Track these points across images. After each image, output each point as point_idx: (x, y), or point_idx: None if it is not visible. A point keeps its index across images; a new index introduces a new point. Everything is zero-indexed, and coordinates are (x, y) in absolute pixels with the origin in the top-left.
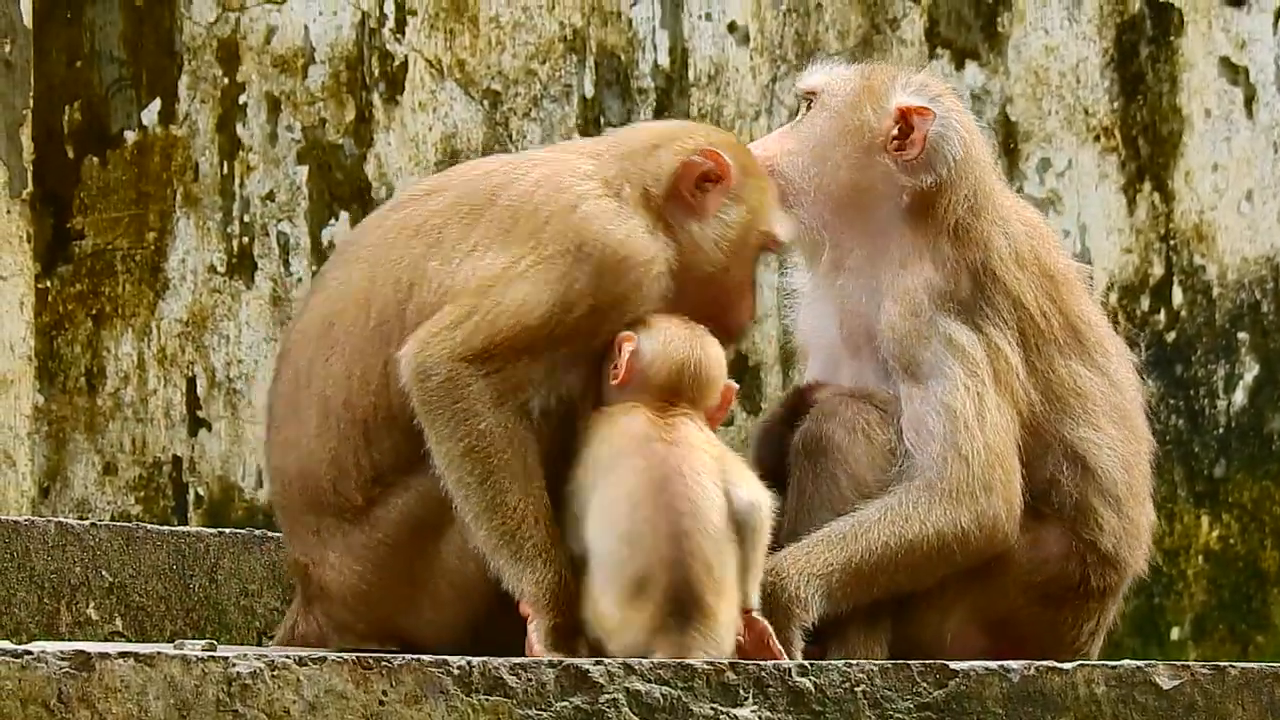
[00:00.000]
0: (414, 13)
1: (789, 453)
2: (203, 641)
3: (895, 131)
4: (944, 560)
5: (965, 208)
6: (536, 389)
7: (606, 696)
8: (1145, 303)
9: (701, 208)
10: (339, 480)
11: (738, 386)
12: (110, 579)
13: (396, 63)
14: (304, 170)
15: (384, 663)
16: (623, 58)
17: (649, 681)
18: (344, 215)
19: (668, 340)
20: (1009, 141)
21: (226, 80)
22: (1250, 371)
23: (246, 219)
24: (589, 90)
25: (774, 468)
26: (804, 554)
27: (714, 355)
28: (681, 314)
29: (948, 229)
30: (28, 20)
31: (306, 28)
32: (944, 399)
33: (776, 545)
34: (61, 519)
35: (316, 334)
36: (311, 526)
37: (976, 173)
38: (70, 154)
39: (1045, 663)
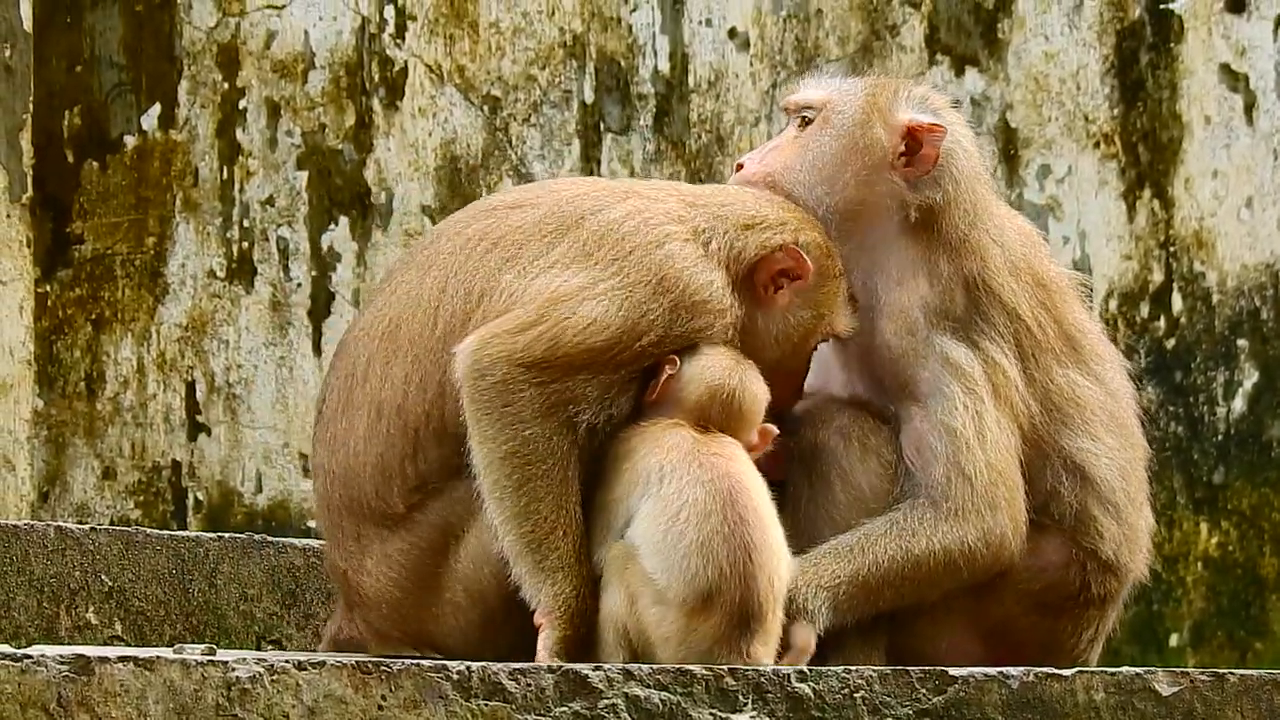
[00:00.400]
0: (414, 18)
1: (785, 460)
2: (202, 646)
3: (903, 148)
4: (950, 576)
5: (965, 222)
6: (588, 406)
7: (605, 702)
8: (1145, 309)
9: (771, 301)
10: (382, 486)
11: (777, 432)
12: (110, 583)
13: (396, 68)
14: (304, 175)
15: (383, 668)
16: (623, 63)
17: (648, 687)
18: (344, 220)
19: (707, 365)
20: (1009, 148)
21: (226, 85)
22: (1250, 378)
23: (246, 224)
24: (589, 96)
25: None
26: (811, 566)
27: (752, 390)
28: None
29: (946, 243)
30: (28, 25)
31: (306, 33)
32: (943, 419)
33: None
34: (61, 523)
35: (380, 334)
36: (351, 532)
37: (976, 186)
38: (70, 159)
39: (1044, 669)
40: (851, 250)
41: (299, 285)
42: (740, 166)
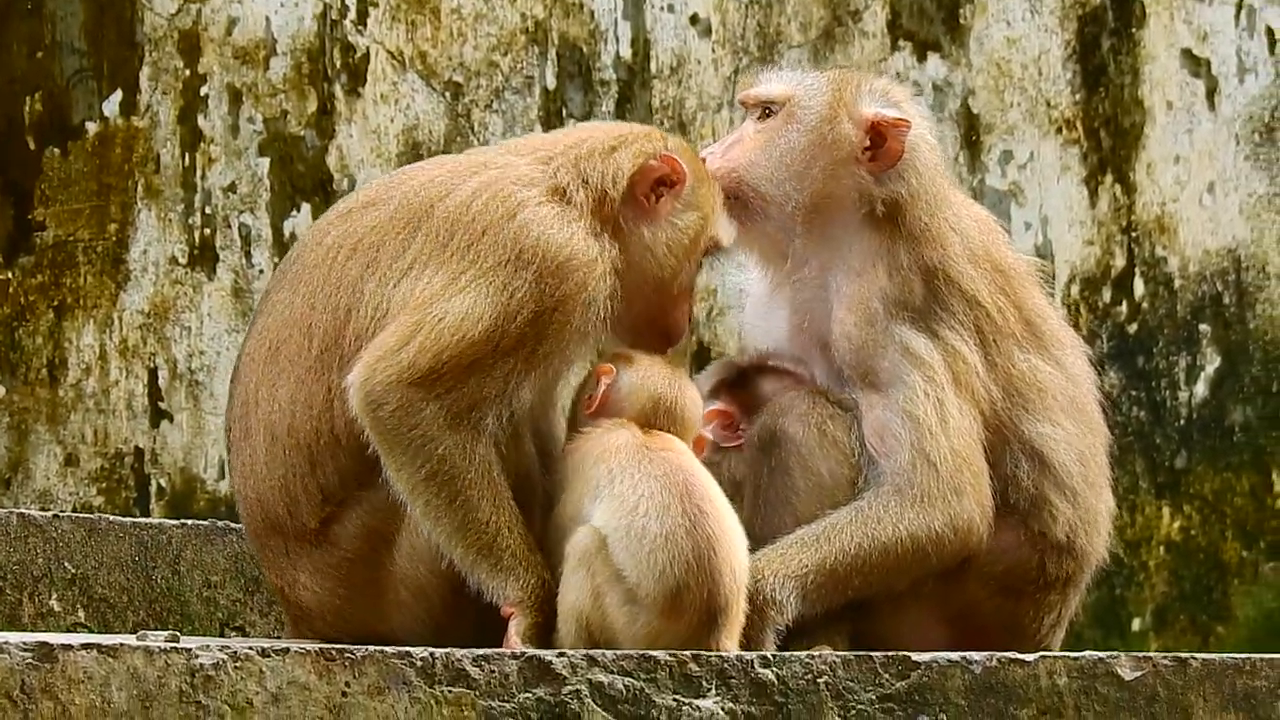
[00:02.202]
0: (375, 4)
1: (744, 448)
2: (165, 633)
3: (868, 142)
4: (918, 563)
5: (926, 213)
6: (490, 405)
7: (569, 688)
8: (1107, 295)
9: (654, 212)
10: (292, 506)
11: (711, 438)
12: (72, 570)
13: (358, 54)
14: (265, 162)
15: (347, 654)
16: (585, 49)
17: (611, 673)
18: (306, 207)
19: (646, 376)
20: (971, 134)
21: (188, 72)
22: (1211, 363)
23: (208, 211)
24: (551, 82)
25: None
26: (779, 555)
27: (691, 397)
28: (625, 319)
29: (907, 234)
30: None
31: (268, 19)
32: (905, 406)
33: None
34: (23, 510)
35: (263, 359)
36: (280, 549)
37: (937, 178)
38: (31, 145)
39: (1007, 654)
40: (812, 242)
41: (261, 272)
42: (702, 161)
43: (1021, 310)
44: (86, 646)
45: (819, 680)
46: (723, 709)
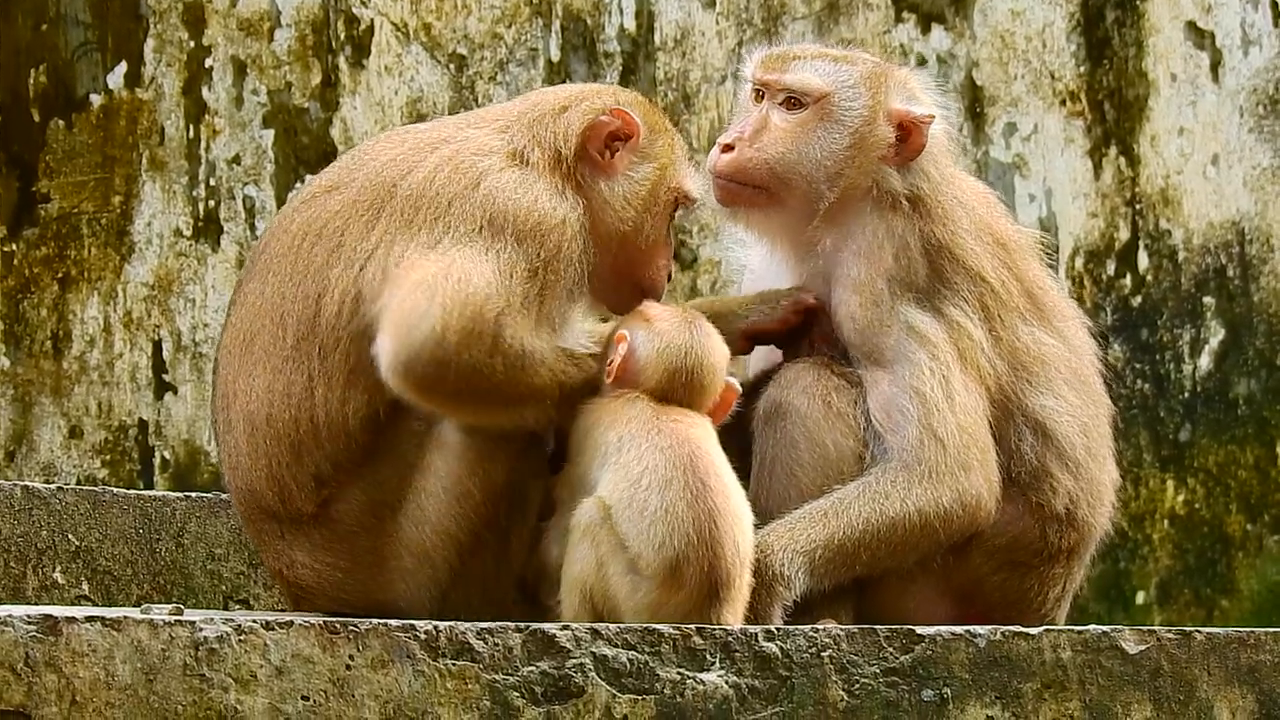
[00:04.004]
0: None
1: (750, 421)
2: (169, 606)
3: (893, 137)
4: (927, 538)
5: (934, 196)
6: (534, 334)
7: (573, 661)
8: (1111, 267)
9: (610, 166)
10: (283, 493)
11: (740, 388)
12: (77, 543)
13: (362, 26)
14: (270, 134)
15: (350, 627)
16: (589, 21)
17: (615, 646)
18: (310, 179)
19: (666, 343)
20: (975, 106)
21: (192, 44)
22: (1216, 336)
23: (212, 182)
24: (555, 54)
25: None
26: (787, 530)
27: (710, 360)
28: (601, 276)
29: (915, 216)
30: None
31: None
32: (912, 383)
33: None
34: (28, 483)
35: (239, 350)
36: (275, 532)
37: (948, 162)
38: (36, 118)
39: (1011, 628)
40: (825, 226)
41: None
42: (728, 148)
43: (1024, 283)
44: (90, 619)
45: (823, 654)
46: (726, 682)
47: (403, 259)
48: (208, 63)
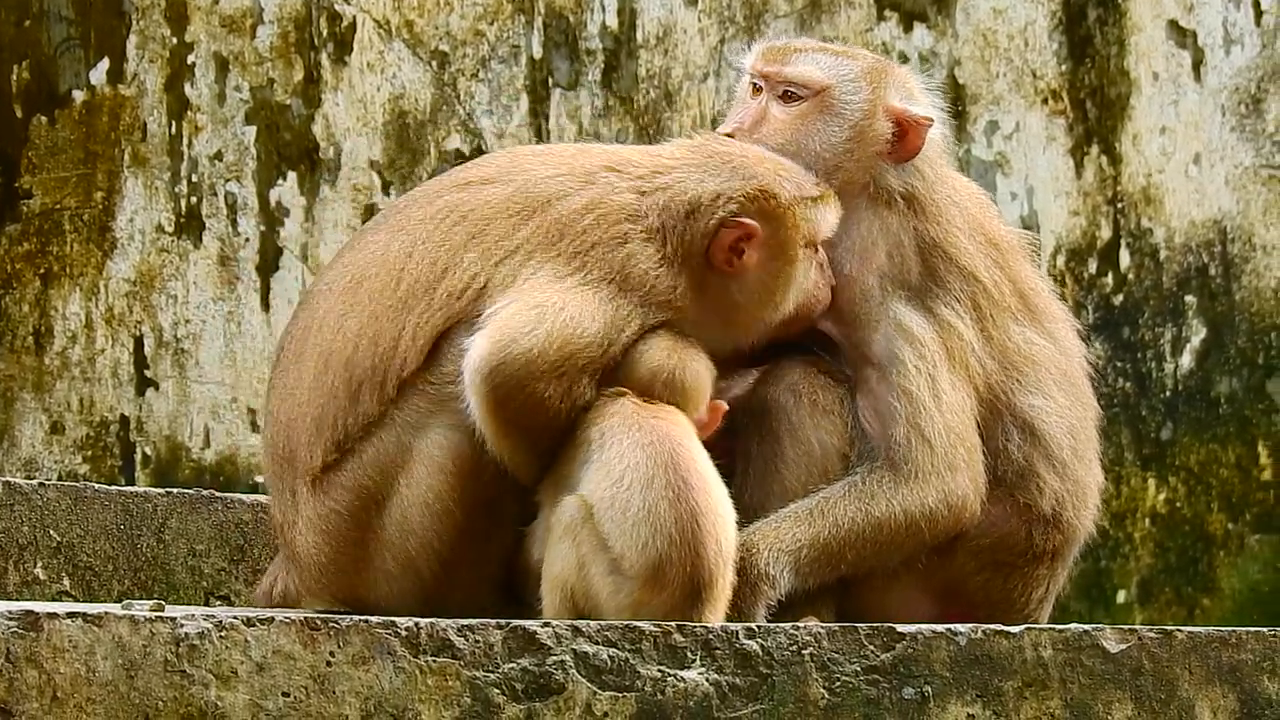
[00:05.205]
0: None
1: (736, 416)
2: (150, 602)
3: (890, 135)
4: (912, 538)
5: (928, 194)
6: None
7: (554, 658)
8: (1093, 265)
9: (742, 269)
10: (314, 437)
11: (726, 408)
12: (58, 538)
13: (344, 23)
14: (252, 130)
15: (331, 624)
16: (571, 19)
17: (596, 643)
18: (291, 175)
19: (646, 348)
20: (957, 104)
21: (175, 40)
22: (1197, 335)
23: (194, 179)
24: (537, 51)
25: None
26: (772, 529)
27: (693, 368)
28: (751, 333)
29: (909, 214)
30: None
31: None
32: (900, 383)
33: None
34: (9, 478)
35: (342, 289)
36: (289, 485)
37: (941, 160)
38: (18, 113)
39: (992, 626)
40: None
41: (247, 240)
42: (728, 138)
43: (1016, 284)
44: (71, 615)
45: (804, 651)
46: (707, 680)
47: (534, 276)
48: (190, 59)
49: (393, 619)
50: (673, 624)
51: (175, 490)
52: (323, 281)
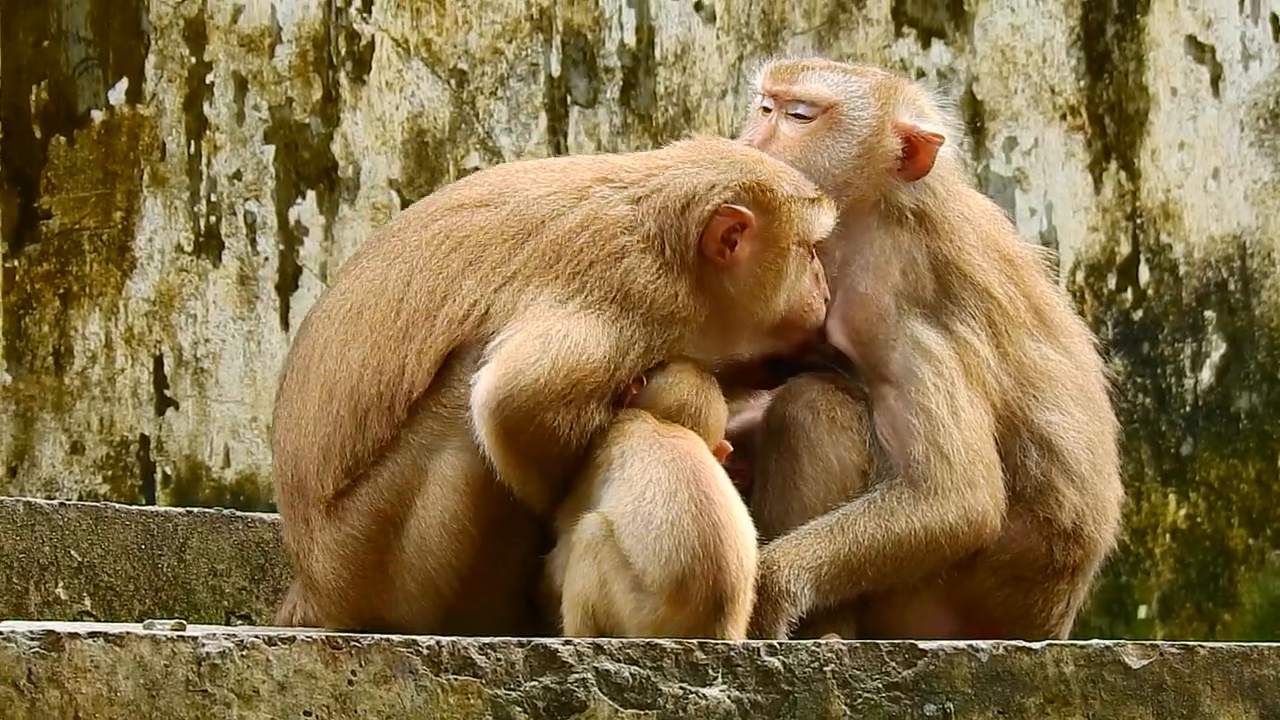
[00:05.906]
0: None
1: (755, 434)
2: (172, 621)
3: (901, 152)
4: (932, 555)
5: (941, 212)
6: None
7: (576, 676)
8: (1112, 281)
9: (735, 262)
10: (323, 467)
11: (731, 449)
12: (79, 559)
13: (363, 42)
14: (271, 149)
15: (353, 643)
16: (589, 37)
17: (618, 661)
18: (310, 194)
19: (677, 381)
20: (975, 120)
21: (193, 60)
22: (1217, 350)
23: (214, 198)
24: (556, 69)
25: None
26: (793, 546)
27: (716, 408)
28: (759, 332)
29: (922, 232)
30: None
31: (273, 7)
32: (918, 400)
33: None
34: (30, 498)
35: (341, 317)
36: (301, 515)
37: (954, 179)
38: (37, 134)
39: (1014, 642)
40: (831, 237)
41: (266, 259)
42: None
43: (1031, 299)
44: (93, 635)
45: (826, 668)
46: (729, 697)
47: (534, 302)
48: (209, 78)
49: (414, 638)
50: (694, 641)
51: (196, 510)
52: (321, 309)
